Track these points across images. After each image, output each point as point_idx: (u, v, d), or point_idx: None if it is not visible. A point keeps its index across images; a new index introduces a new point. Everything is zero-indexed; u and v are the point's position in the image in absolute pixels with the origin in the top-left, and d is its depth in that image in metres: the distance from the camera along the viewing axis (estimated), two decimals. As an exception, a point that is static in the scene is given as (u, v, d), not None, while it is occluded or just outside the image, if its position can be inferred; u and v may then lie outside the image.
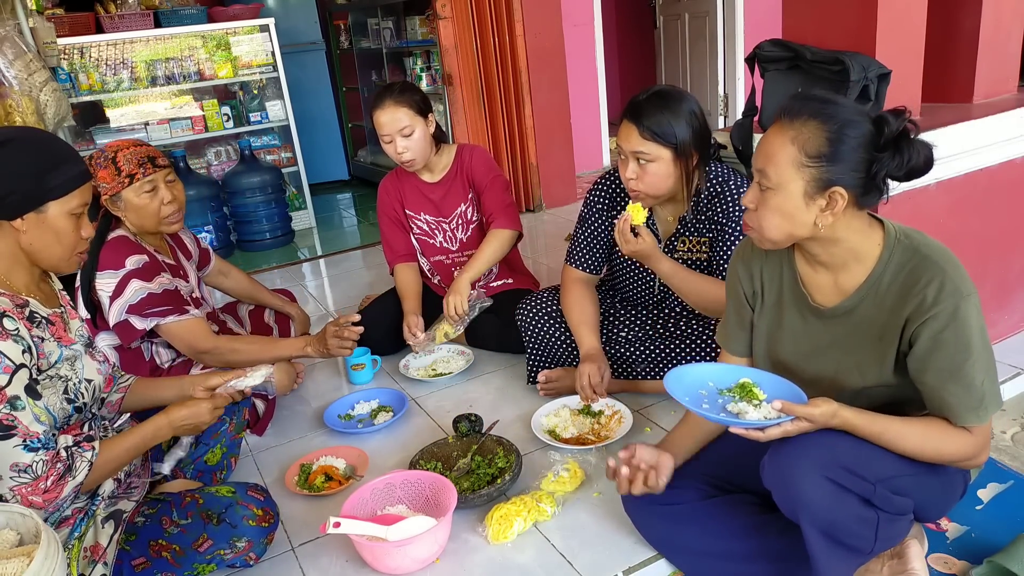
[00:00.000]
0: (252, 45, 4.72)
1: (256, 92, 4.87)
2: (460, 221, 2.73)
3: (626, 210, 1.93)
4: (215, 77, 4.67)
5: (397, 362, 2.66)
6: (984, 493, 1.82)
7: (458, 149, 2.72)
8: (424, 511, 1.77)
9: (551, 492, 1.83)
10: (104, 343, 2.17)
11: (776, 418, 1.30)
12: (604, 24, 5.42)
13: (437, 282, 2.85)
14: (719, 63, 5.86)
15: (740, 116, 2.24)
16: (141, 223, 2.13)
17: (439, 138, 2.63)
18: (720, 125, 5.83)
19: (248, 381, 1.75)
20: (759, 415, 1.32)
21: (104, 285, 2.05)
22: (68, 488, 1.37)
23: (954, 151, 2.11)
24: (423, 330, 2.55)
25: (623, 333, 2.24)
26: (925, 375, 1.33)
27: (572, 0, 4.92)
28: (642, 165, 1.92)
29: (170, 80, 4.58)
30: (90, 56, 4.36)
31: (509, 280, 2.78)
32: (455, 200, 2.70)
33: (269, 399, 2.34)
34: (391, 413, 2.32)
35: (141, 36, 4.43)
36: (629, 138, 1.91)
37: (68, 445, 1.40)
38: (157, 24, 4.49)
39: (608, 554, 1.64)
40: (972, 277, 1.31)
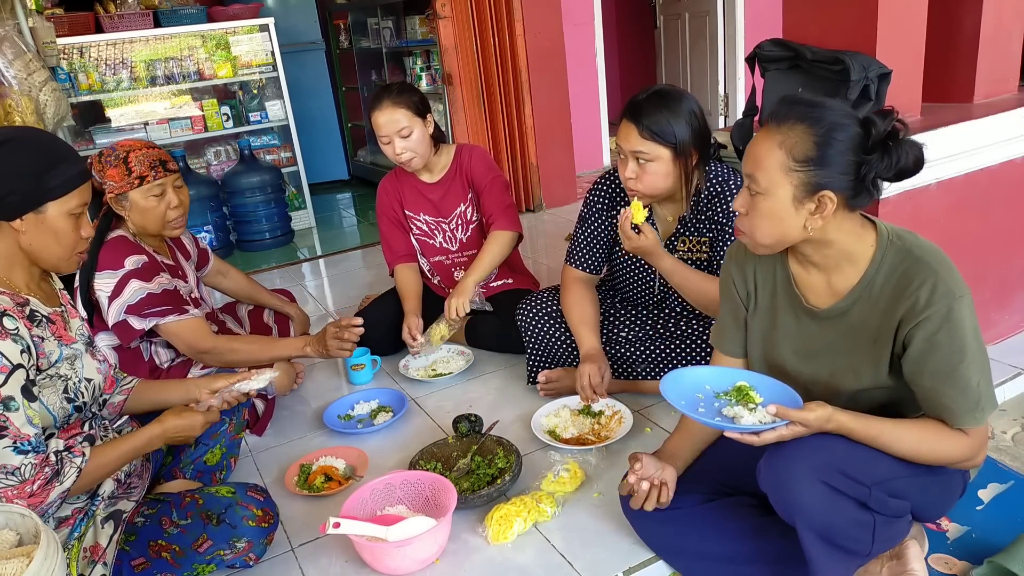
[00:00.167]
0: (252, 45, 4.72)
1: (256, 92, 4.87)
2: (460, 221, 2.73)
3: (628, 207, 1.93)
4: (215, 77, 4.67)
5: (397, 362, 2.66)
6: (984, 493, 1.82)
7: (457, 149, 2.71)
8: (424, 511, 1.77)
9: (551, 492, 1.83)
10: (103, 343, 2.17)
11: (771, 423, 1.30)
12: (604, 24, 5.41)
13: (437, 282, 2.85)
14: (719, 63, 5.85)
15: (740, 116, 2.24)
16: (144, 225, 2.13)
17: (438, 138, 2.63)
18: (720, 125, 5.83)
19: (252, 384, 1.74)
20: (754, 420, 1.31)
21: (103, 285, 2.05)
22: (54, 494, 1.36)
23: (954, 151, 2.11)
24: (422, 331, 2.55)
25: (623, 333, 2.24)
26: (920, 377, 1.32)
27: (572, 0, 4.92)
28: (641, 165, 1.92)
29: (170, 80, 4.57)
30: (90, 56, 4.36)
31: (509, 280, 2.78)
32: (454, 200, 2.70)
33: (269, 399, 2.34)
34: (391, 413, 2.32)
35: (141, 36, 4.43)
36: (628, 138, 1.90)
37: (59, 450, 1.39)
38: (157, 24, 4.49)
39: (608, 554, 1.64)
40: (972, 277, 1.31)
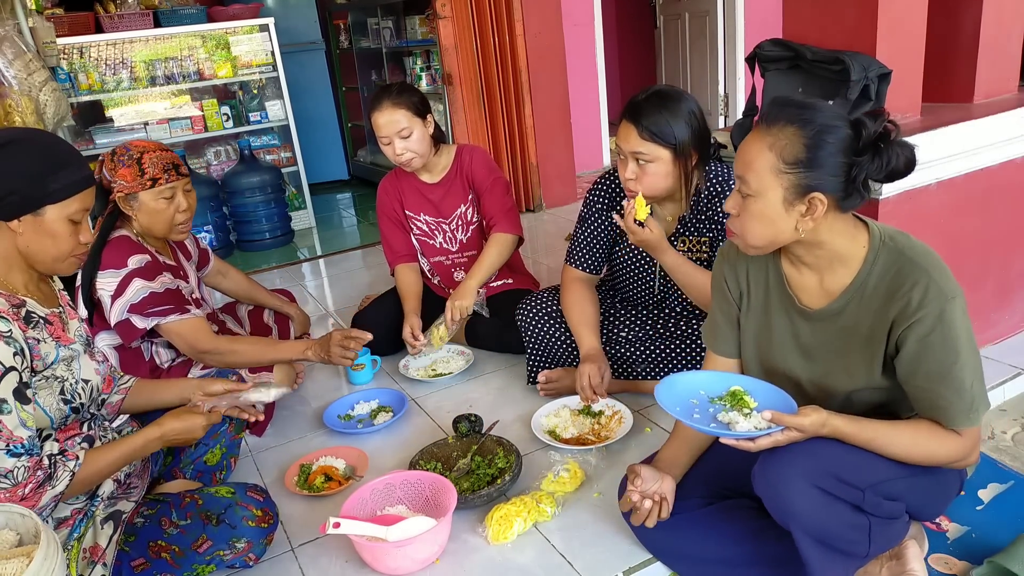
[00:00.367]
0: (252, 45, 4.72)
1: (256, 92, 4.87)
2: (460, 222, 2.72)
3: (633, 201, 1.92)
4: (215, 77, 4.67)
5: (397, 362, 2.66)
6: (984, 493, 1.82)
7: (458, 150, 2.71)
8: (424, 511, 1.77)
9: (551, 492, 1.83)
10: (104, 343, 2.17)
11: (766, 428, 1.30)
12: (604, 24, 5.41)
13: (437, 282, 2.85)
14: (719, 63, 5.85)
15: (740, 116, 2.24)
16: (151, 226, 2.13)
17: (438, 138, 2.63)
18: (720, 125, 5.83)
19: (260, 396, 1.74)
20: (749, 425, 1.31)
21: (106, 284, 2.05)
22: (46, 497, 1.34)
23: (954, 151, 2.11)
24: (422, 332, 2.56)
25: (623, 333, 2.24)
26: (914, 378, 1.33)
27: (572, 0, 4.92)
28: (641, 165, 1.92)
29: (170, 80, 4.57)
30: (90, 56, 4.36)
31: (509, 280, 2.78)
32: (455, 201, 2.70)
33: (269, 400, 2.33)
34: (391, 413, 2.32)
35: (141, 36, 4.43)
36: (628, 138, 1.90)
37: (52, 453, 1.38)
38: (157, 24, 4.49)
39: (608, 555, 1.64)
40: (972, 277, 1.31)
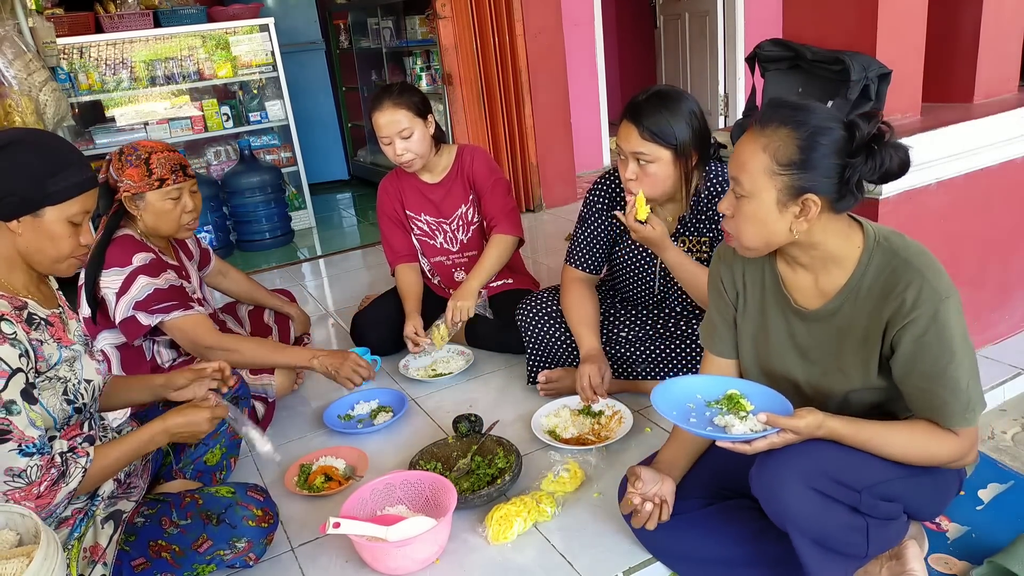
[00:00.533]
0: (252, 45, 4.72)
1: (256, 92, 4.87)
2: (461, 222, 2.72)
3: (635, 199, 1.91)
4: (215, 77, 4.67)
5: (397, 362, 2.66)
6: (984, 493, 1.82)
7: (459, 150, 2.71)
8: (424, 511, 1.77)
9: (551, 492, 1.83)
10: (106, 342, 2.17)
11: (762, 431, 1.30)
12: (604, 24, 5.41)
13: (437, 283, 2.85)
14: (719, 63, 5.85)
15: (740, 116, 2.24)
16: (157, 226, 2.14)
17: (439, 139, 2.63)
18: (720, 125, 5.83)
19: (255, 437, 1.75)
20: (745, 428, 1.32)
21: (110, 282, 2.05)
22: (61, 494, 1.36)
23: (954, 151, 2.11)
24: (424, 331, 2.56)
25: (623, 333, 2.24)
26: (909, 379, 1.33)
27: (572, 0, 4.92)
28: (642, 166, 1.92)
29: (170, 80, 4.57)
30: (90, 56, 4.36)
31: (509, 280, 2.78)
32: (455, 201, 2.70)
33: (269, 402, 2.33)
34: (391, 413, 2.32)
35: (141, 36, 4.43)
36: (629, 139, 1.90)
37: (63, 451, 1.40)
38: (157, 24, 4.49)
39: (608, 555, 1.64)
40: (972, 277, 1.31)
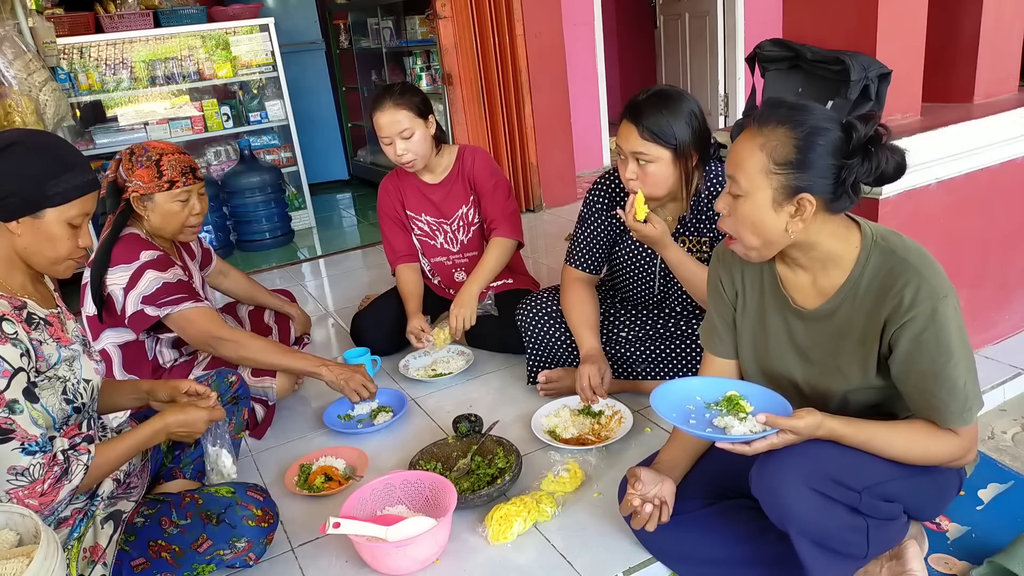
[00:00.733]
0: (252, 45, 4.72)
1: (256, 92, 4.87)
2: (461, 223, 2.72)
3: (634, 199, 1.91)
4: (215, 77, 4.67)
5: (397, 362, 2.66)
6: (984, 493, 1.82)
7: (459, 151, 2.71)
8: (424, 511, 1.77)
9: (551, 492, 1.83)
10: (108, 341, 2.18)
11: (761, 431, 1.30)
12: (604, 24, 5.41)
13: (437, 283, 2.85)
14: (719, 63, 5.85)
15: (740, 116, 2.24)
16: (163, 227, 2.14)
17: (440, 139, 2.63)
18: (720, 125, 5.83)
19: (222, 462, 1.78)
20: (745, 429, 1.32)
21: (117, 279, 2.06)
22: (64, 491, 1.37)
23: (955, 151, 2.11)
24: (428, 331, 2.57)
25: (623, 333, 2.24)
26: (908, 378, 1.33)
27: (572, 0, 4.92)
28: (642, 166, 1.92)
29: (169, 80, 4.57)
30: (90, 56, 4.36)
31: (509, 280, 2.78)
32: (456, 202, 2.70)
33: (269, 405, 2.33)
34: (391, 413, 2.32)
35: (141, 36, 4.43)
36: (629, 139, 1.90)
37: (64, 448, 1.40)
38: (157, 24, 4.49)
39: (608, 555, 1.64)
40: (972, 277, 1.31)
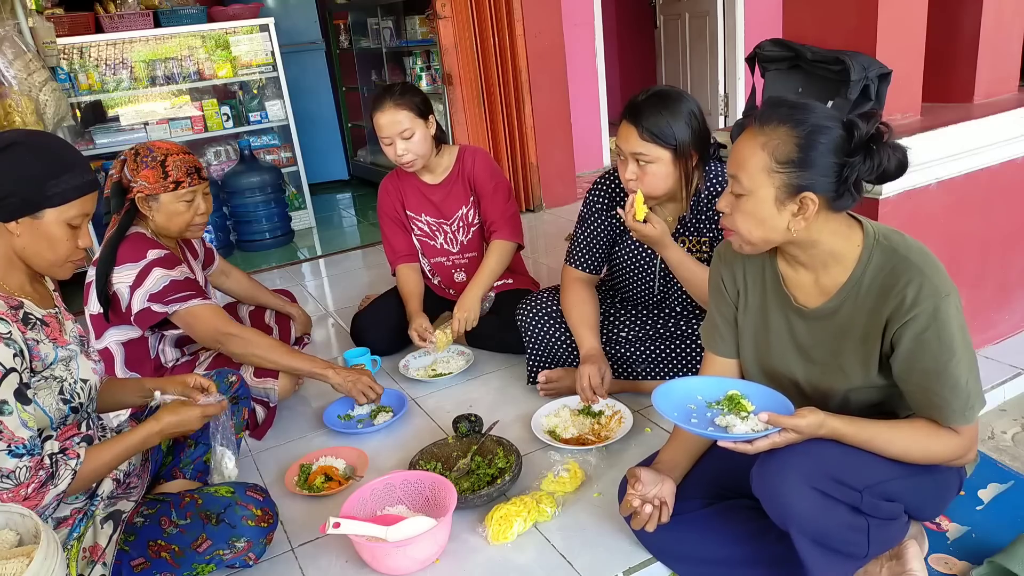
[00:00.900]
0: (252, 45, 4.72)
1: (256, 92, 4.87)
2: (461, 223, 2.72)
3: (634, 199, 1.91)
4: (215, 77, 4.67)
5: (397, 362, 2.66)
6: (984, 493, 1.82)
7: (460, 151, 2.71)
8: (424, 511, 1.77)
9: (551, 492, 1.83)
10: (112, 339, 2.18)
11: (763, 430, 1.30)
12: (604, 24, 5.41)
13: (437, 283, 2.85)
14: (719, 63, 5.85)
15: (740, 116, 2.24)
16: (168, 227, 2.15)
17: (440, 139, 2.62)
18: (720, 125, 5.83)
19: (224, 464, 1.79)
20: (746, 428, 1.32)
21: (124, 278, 2.06)
22: (49, 496, 1.35)
23: (955, 151, 2.11)
24: (431, 331, 2.57)
25: (623, 333, 2.24)
26: (909, 376, 1.33)
27: (572, 0, 4.92)
28: (642, 166, 1.92)
29: (169, 80, 4.57)
30: (89, 56, 4.36)
31: (509, 280, 2.78)
32: (456, 202, 2.70)
33: (271, 407, 2.32)
34: (391, 413, 2.32)
35: (141, 36, 4.43)
36: (628, 139, 1.90)
37: (53, 452, 1.39)
38: (157, 24, 4.49)
39: (608, 555, 1.64)
40: (972, 277, 1.31)
